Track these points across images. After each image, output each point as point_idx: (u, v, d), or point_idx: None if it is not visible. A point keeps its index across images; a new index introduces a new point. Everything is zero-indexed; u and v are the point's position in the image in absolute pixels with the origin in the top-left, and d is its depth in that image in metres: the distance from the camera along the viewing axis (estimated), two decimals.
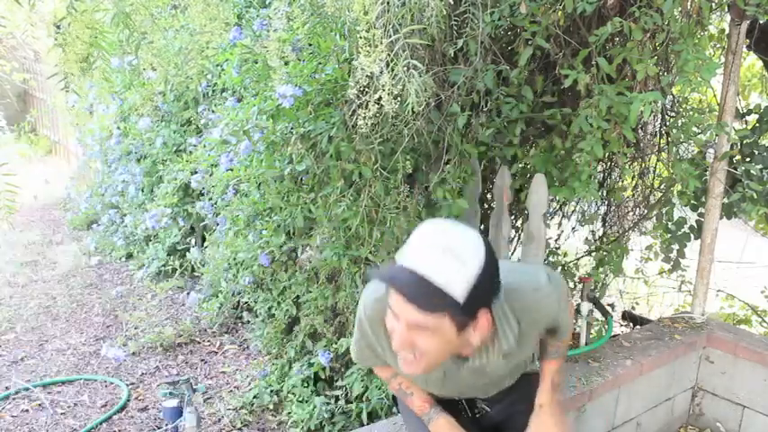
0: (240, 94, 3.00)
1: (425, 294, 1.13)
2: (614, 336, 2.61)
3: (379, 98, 1.70)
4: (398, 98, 1.71)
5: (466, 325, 1.19)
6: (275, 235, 2.57)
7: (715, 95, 2.58)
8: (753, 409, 2.50)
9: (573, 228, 3.10)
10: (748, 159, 2.51)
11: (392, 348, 1.26)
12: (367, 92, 1.79)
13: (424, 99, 1.74)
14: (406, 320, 1.17)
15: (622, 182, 3.03)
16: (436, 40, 2.06)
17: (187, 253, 3.96)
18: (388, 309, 1.21)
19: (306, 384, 2.64)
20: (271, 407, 2.72)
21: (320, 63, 2.38)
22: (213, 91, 3.63)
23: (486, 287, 1.18)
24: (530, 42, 2.12)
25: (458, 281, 1.13)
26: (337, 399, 2.53)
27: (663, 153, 2.82)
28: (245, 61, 2.59)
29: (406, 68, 1.66)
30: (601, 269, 2.79)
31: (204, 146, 3.30)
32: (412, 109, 1.70)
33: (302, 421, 2.51)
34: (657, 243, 2.79)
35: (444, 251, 1.14)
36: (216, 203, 3.24)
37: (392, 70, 1.67)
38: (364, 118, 1.81)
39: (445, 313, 1.15)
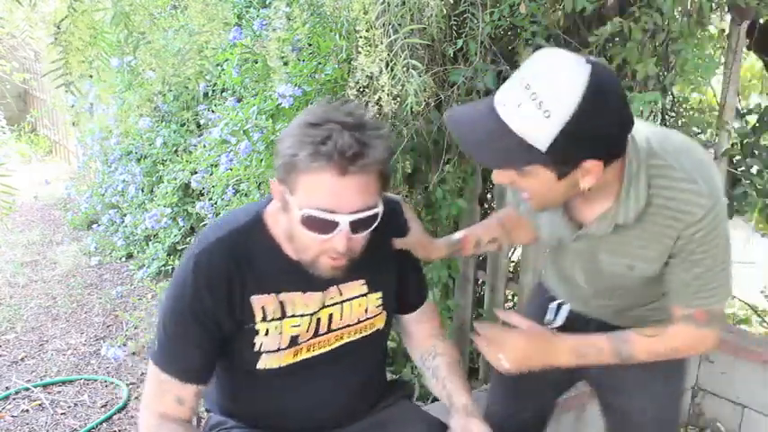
0: (240, 93, 2.99)
1: (507, 148, 1.02)
2: None
3: (379, 99, 1.70)
4: (397, 98, 1.71)
5: (566, 173, 1.06)
6: None
7: (715, 95, 2.57)
8: (753, 409, 2.50)
9: None
10: (749, 159, 2.51)
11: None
12: (366, 92, 1.79)
13: (423, 99, 1.74)
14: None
15: None
16: (436, 40, 2.06)
17: None
18: None
19: None
20: None
21: (320, 63, 2.38)
22: (213, 91, 3.63)
23: (585, 137, 1.01)
24: (530, 42, 2.12)
25: (542, 134, 0.99)
26: None
27: None
28: (245, 61, 2.59)
29: (405, 69, 1.66)
30: None
31: (204, 146, 3.30)
32: (411, 109, 1.70)
33: None
34: None
35: (529, 96, 0.99)
36: (216, 203, 3.24)
37: (391, 70, 1.67)
38: None
39: (535, 164, 1.04)
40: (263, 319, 1.24)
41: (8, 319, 3.63)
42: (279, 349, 1.26)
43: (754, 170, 2.46)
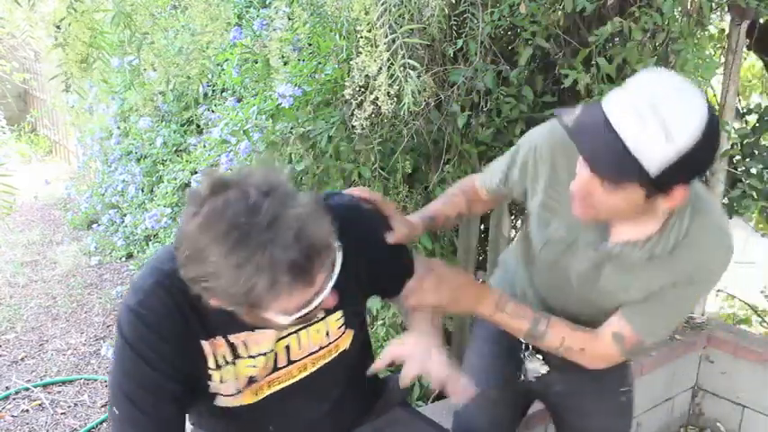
0: (240, 94, 3.00)
1: (618, 162, 1.01)
2: None
3: (376, 98, 1.70)
4: (396, 98, 1.71)
5: (654, 195, 1.07)
6: None
7: (715, 95, 2.58)
8: (753, 409, 2.50)
9: None
10: (748, 159, 2.51)
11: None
12: (363, 92, 1.79)
13: (423, 99, 1.74)
14: (588, 174, 1.07)
15: None
16: (436, 40, 2.06)
17: None
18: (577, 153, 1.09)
19: None
20: None
21: (320, 63, 2.38)
22: (213, 91, 3.63)
23: (692, 166, 1.03)
24: (530, 42, 2.12)
25: (658, 157, 0.99)
26: None
27: None
28: (246, 61, 2.59)
29: (403, 68, 1.66)
30: None
31: (204, 146, 3.30)
32: (408, 109, 1.70)
33: None
34: None
35: (655, 118, 0.98)
36: None
37: (389, 70, 1.67)
38: (360, 119, 1.81)
39: (634, 182, 1.04)
40: (217, 367, 1.14)
41: (8, 319, 3.63)
42: (238, 392, 1.18)
43: (753, 171, 2.46)
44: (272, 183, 0.95)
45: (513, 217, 2.75)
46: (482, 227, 2.56)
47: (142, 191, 4.40)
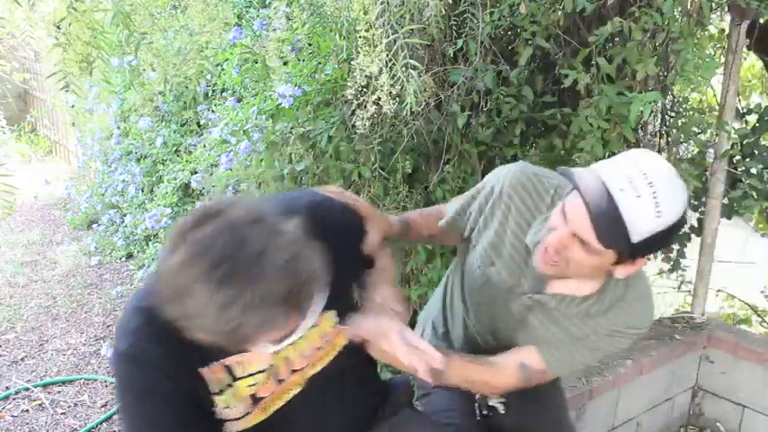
0: (240, 93, 3.00)
1: (610, 228, 1.07)
2: None
3: (378, 98, 1.70)
4: (397, 98, 1.71)
5: (623, 262, 1.15)
6: None
7: (715, 95, 2.57)
8: (753, 409, 2.50)
9: None
10: (748, 159, 2.51)
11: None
12: (365, 92, 1.79)
13: (423, 99, 1.74)
14: (575, 230, 1.12)
15: None
16: (436, 40, 2.06)
17: None
18: (561, 204, 1.16)
19: None
20: None
21: (319, 63, 2.38)
22: (213, 91, 3.63)
23: (662, 242, 1.12)
24: (530, 42, 2.12)
25: (645, 229, 1.07)
26: None
27: (663, 153, 2.82)
28: (245, 61, 2.59)
29: (404, 68, 1.66)
30: None
31: (204, 146, 3.30)
32: (411, 109, 1.70)
33: None
34: None
35: (650, 193, 1.06)
36: None
37: (391, 70, 1.67)
38: (362, 119, 1.81)
39: (616, 249, 1.11)
40: (219, 392, 1.09)
41: (8, 319, 3.63)
42: (247, 413, 1.14)
43: (753, 171, 2.46)
44: (258, 211, 0.91)
45: None
46: None
47: (142, 191, 4.40)
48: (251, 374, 1.12)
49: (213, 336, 0.90)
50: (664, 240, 1.11)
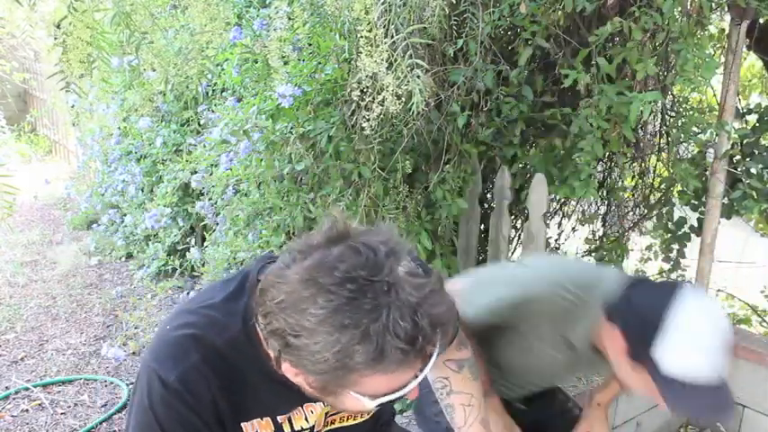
0: (240, 93, 2.99)
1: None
2: None
3: (383, 99, 1.69)
4: (401, 98, 1.71)
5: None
6: (275, 235, 2.57)
7: (715, 95, 2.57)
8: (753, 409, 2.50)
9: (573, 227, 3.10)
10: (749, 159, 2.51)
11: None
12: (369, 93, 1.78)
13: (423, 99, 1.74)
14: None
15: (622, 182, 3.03)
16: (436, 40, 2.06)
17: (187, 253, 3.96)
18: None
19: None
20: None
21: (320, 63, 2.38)
22: (213, 91, 3.63)
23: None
24: (530, 42, 2.12)
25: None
26: None
27: (663, 153, 2.82)
28: (245, 61, 2.59)
29: (409, 68, 1.66)
30: None
31: (204, 146, 3.30)
32: (417, 109, 1.70)
33: None
34: (657, 243, 2.79)
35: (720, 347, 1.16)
36: (216, 203, 3.24)
37: (395, 70, 1.67)
38: (368, 120, 1.80)
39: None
40: None
41: (8, 318, 3.62)
42: None
43: (753, 171, 2.46)
44: (396, 245, 0.86)
45: (513, 217, 2.75)
46: (482, 227, 2.56)
47: (142, 191, 4.40)
48: (295, 431, 1.07)
49: (309, 363, 0.83)
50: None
